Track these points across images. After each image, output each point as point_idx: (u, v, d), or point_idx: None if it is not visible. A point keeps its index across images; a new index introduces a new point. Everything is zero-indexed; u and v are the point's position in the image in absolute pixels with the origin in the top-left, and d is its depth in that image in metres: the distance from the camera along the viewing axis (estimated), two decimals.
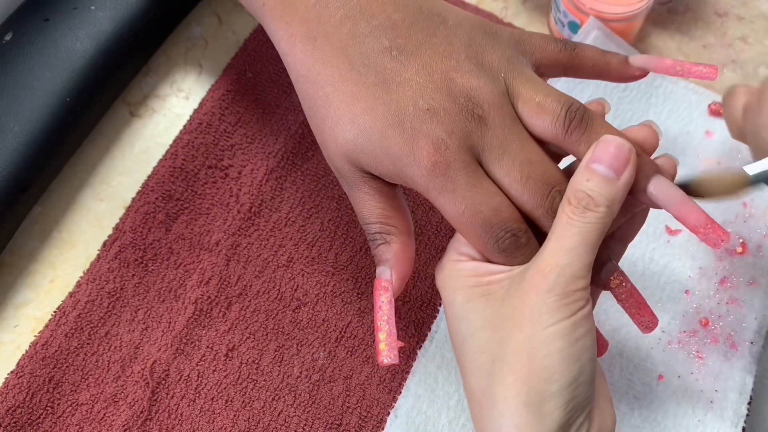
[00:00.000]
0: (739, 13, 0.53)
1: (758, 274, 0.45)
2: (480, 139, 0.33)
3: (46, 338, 0.43)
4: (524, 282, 0.31)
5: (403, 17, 0.35)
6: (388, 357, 0.34)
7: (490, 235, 0.33)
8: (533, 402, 0.30)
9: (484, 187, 0.33)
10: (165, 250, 0.46)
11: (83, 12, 0.48)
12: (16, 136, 0.44)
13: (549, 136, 0.34)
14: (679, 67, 0.37)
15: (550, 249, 0.31)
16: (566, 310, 0.30)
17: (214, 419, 0.43)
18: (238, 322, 0.45)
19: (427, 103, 0.33)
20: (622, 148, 0.32)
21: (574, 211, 0.31)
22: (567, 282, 0.30)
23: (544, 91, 0.34)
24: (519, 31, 0.36)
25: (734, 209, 0.47)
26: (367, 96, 0.33)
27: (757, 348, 0.44)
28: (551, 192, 0.33)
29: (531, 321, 0.30)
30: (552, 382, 0.30)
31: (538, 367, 0.30)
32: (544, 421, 0.30)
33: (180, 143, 0.48)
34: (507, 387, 0.30)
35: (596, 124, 0.33)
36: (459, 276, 0.34)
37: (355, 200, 0.36)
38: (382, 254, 0.35)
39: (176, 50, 0.52)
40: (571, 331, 0.30)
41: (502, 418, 0.30)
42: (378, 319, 0.35)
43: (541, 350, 0.30)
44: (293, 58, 0.36)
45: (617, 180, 0.32)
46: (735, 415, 0.42)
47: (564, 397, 0.30)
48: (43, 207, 0.48)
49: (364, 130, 0.33)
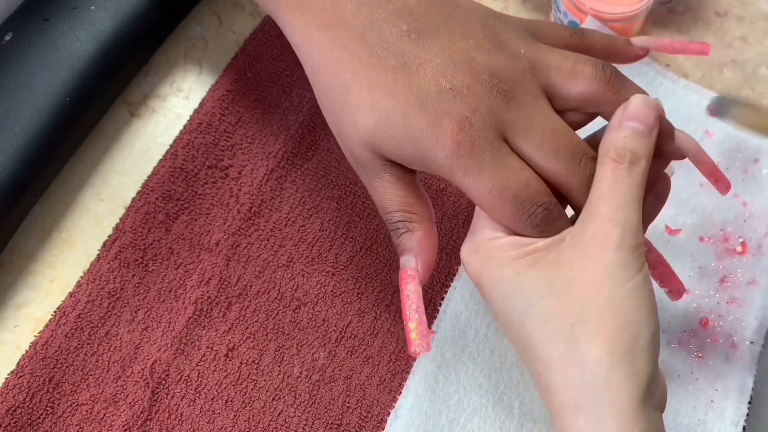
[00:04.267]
0: (739, 13, 0.53)
1: (758, 273, 0.45)
2: (505, 114, 0.33)
3: (46, 338, 0.43)
4: (586, 243, 0.31)
5: (418, 2, 0.35)
6: (420, 346, 0.33)
7: (521, 212, 0.32)
8: (626, 359, 0.30)
9: (510, 163, 0.33)
10: (165, 250, 0.46)
11: (83, 12, 0.47)
12: (16, 136, 0.44)
13: (589, 95, 0.34)
14: (677, 44, 0.39)
15: (606, 207, 0.31)
16: (637, 264, 0.31)
17: (214, 419, 0.43)
18: (238, 322, 0.45)
19: (450, 83, 0.33)
20: (650, 105, 0.33)
21: (619, 167, 0.32)
22: (633, 236, 0.31)
23: (572, 56, 0.35)
24: (525, 18, 0.37)
25: (734, 209, 0.47)
26: (388, 79, 0.33)
27: (757, 348, 0.44)
28: (582, 159, 0.33)
29: (609, 279, 0.31)
30: (640, 336, 0.30)
31: (625, 323, 0.30)
32: (639, 376, 0.30)
33: (180, 143, 0.48)
34: (597, 348, 0.30)
35: (627, 78, 0.35)
36: (500, 252, 0.33)
37: (375, 189, 0.36)
38: (406, 243, 0.35)
39: (176, 50, 0.52)
40: (645, 284, 0.31)
41: (595, 380, 0.30)
42: (407, 308, 0.34)
43: (625, 306, 0.30)
44: (309, 47, 0.36)
45: (651, 134, 0.33)
46: (735, 415, 0.42)
47: (650, 350, 0.31)
48: (43, 207, 0.48)
49: (386, 114, 0.33)
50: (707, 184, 0.47)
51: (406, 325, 0.34)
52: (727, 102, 0.37)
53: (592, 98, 0.35)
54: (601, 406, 0.30)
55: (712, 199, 0.47)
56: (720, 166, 0.48)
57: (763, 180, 0.47)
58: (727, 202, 0.47)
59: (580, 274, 0.31)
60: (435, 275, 0.46)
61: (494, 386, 0.43)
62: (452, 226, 0.47)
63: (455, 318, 0.44)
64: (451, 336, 0.44)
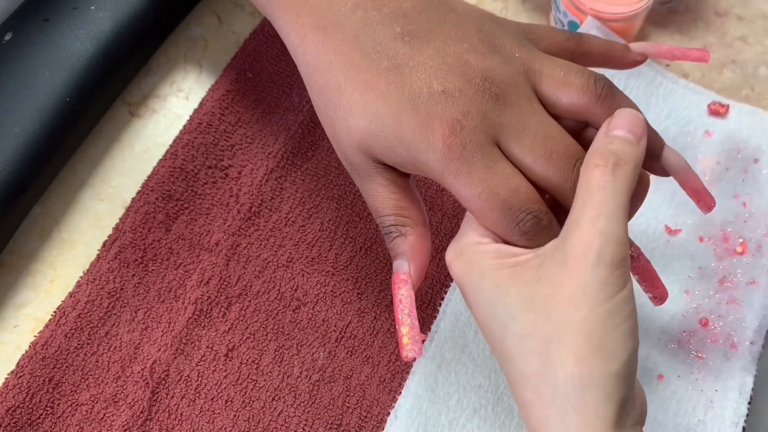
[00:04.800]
0: (739, 13, 0.53)
1: (758, 274, 0.45)
2: (498, 118, 0.33)
3: (46, 338, 0.43)
4: (566, 256, 0.30)
5: (413, 5, 0.35)
6: (412, 351, 0.33)
7: (509, 219, 0.32)
8: (597, 382, 0.29)
9: (501, 168, 0.32)
10: (165, 251, 0.46)
11: (83, 12, 0.47)
12: (16, 136, 0.44)
13: (578, 107, 0.34)
14: (677, 51, 0.39)
15: (587, 217, 0.30)
16: (619, 282, 0.30)
17: (214, 419, 0.43)
18: (238, 322, 0.45)
19: (442, 85, 0.33)
20: (638, 117, 0.33)
21: (604, 172, 0.31)
22: (614, 249, 0.30)
23: (565, 65, 0.35)
24: (523, 22, 0.37)
25: (734, 209, 0.47)
26: (380, 82, 0.33)
27: (757, 348, 0.44)
28: (576, 164, 0.32)
29: (585, 299, 0.29)
30: (614, 360, 0.29)
31: (599, 346, 0.29)
32: (610, 400, 0.29)
33: (180, 143, 0.48)
34: (568, 369, 0.29)
35: (618, 92, 0.35)
36: (483, 260, 0.32)
37: (368, 193, 0.35)
38: (399, 247, 0.35)
39: (176, 50, 0.52)
40: (625, 305, 0.30)
41: (566, 401, 0.29)
42: (399, 313, 0.34)
43: (600, 328, 0.29)
44: (303, 49, 0.36)
45: (639, 143, 0.32)
46: (735, 415, 0.42)
47: (624, 373, 0.30)
48: (43, 207, 0.48)
49: (378, 117, 0.33)
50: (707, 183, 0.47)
51: (398, 329, 0.34)
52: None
53: (581, 110, 0.34)
54: (570, 427, 0.29)
55: None
56: (720, 166, 0.48)
57: (763, 180, 0.47)
58: (727, 202, 0.47)
59: (558, 291, 0.30)
60: (435, 275, 0.46)
61: (494, 386, 0.43)
62: (452, 226, 0.47)
63: (455, 318, 0.44)
64: (451, 336, 0.44)
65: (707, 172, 0.48)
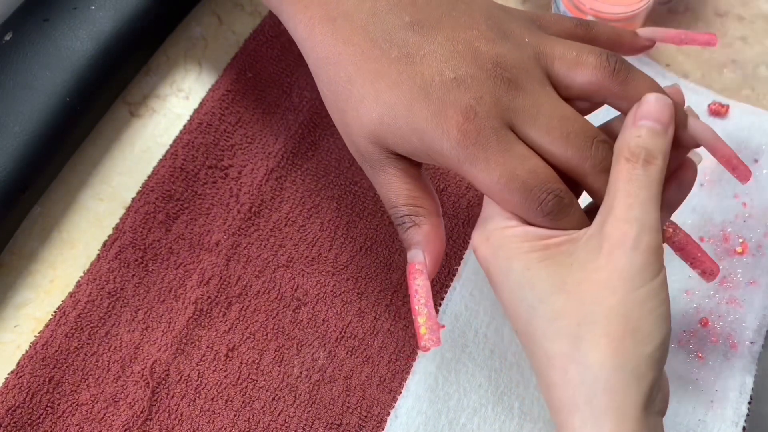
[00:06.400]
0: (739, 13, 0.53)
1: (758, 273, 0.45)
2: (511, 102, 0.33)
3: (46, 338, 0.43)
4: (602, 242, 0.31)
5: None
6: (431, 341, 0.33)
7: (531, 200, 0.32)
8: (630, 365, 0.30)
9: (518, 150, 0.32)
10: (165, 250, 0.46)
11: (83, 12, 0.47)
12: (16, 136, 0.44)
13: (593, 86, 0.34)
14: (684, 35, 0.39)
15: (622, 205, 0.31)
16: (654, 267, 0.30)
17: (214, 419, 0.43)
18: (238, 322, 0.45)
19: (454, 73, 0.33)
20: (665, 102, 0.33)
21: (635, 167, 0.31)
22: (650, 236, 0.30)
23: (577, 46, 0.35)
24: (530, 10, 0.37)
25: (734, 209, 0.47)
26: (391, 71, 0.33)
27: (757, 348, 0.44)
28: (594, 142, 0.33)
29: (622, 282, 0.30)
30: (647, 343, 0.30)
31: (634, 328, 0.30)
32: (640, 382, 0.30)
33: (180, 143, 0.48)
34: (601, 350, 0.30)
35: (633, 67, 0.34)
36: (511, 243, 0.33)
37: (381, 183, 0.35)
38: (413, 237, 0.35)
39: (176, 50, 0.52)
40: (660, 290, 0.31)
41: (596, 383, 0.30)
42: (415, 303, 0.34)
43: (637, 311, 0.30)
44: (312, 41, 0.36)
45: (666, 132, 0.32)
46: (735, 415, 0.42)
47: (657, 357, 0.30)
48: (43, 207, 0.48)
49: (390, 107, 0.33)
50: (707, 183, 0.47)
51: (415, 320, 0.34)
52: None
53: (597, 88, 0.34)
54: (598, 408, 0.30)
55: (712, 199, 0.47)
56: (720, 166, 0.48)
57: (763, 180, 0.47)
58: (727, 202, 0.47)
59: (592, 275, 0.31)
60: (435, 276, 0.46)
61: (494, 386, 0.43)
62: (452, 226, 0.47)
63: (455, 318, 0.45)
64: (451, 336, 0.44)
65: (707, 172, 0.48)
